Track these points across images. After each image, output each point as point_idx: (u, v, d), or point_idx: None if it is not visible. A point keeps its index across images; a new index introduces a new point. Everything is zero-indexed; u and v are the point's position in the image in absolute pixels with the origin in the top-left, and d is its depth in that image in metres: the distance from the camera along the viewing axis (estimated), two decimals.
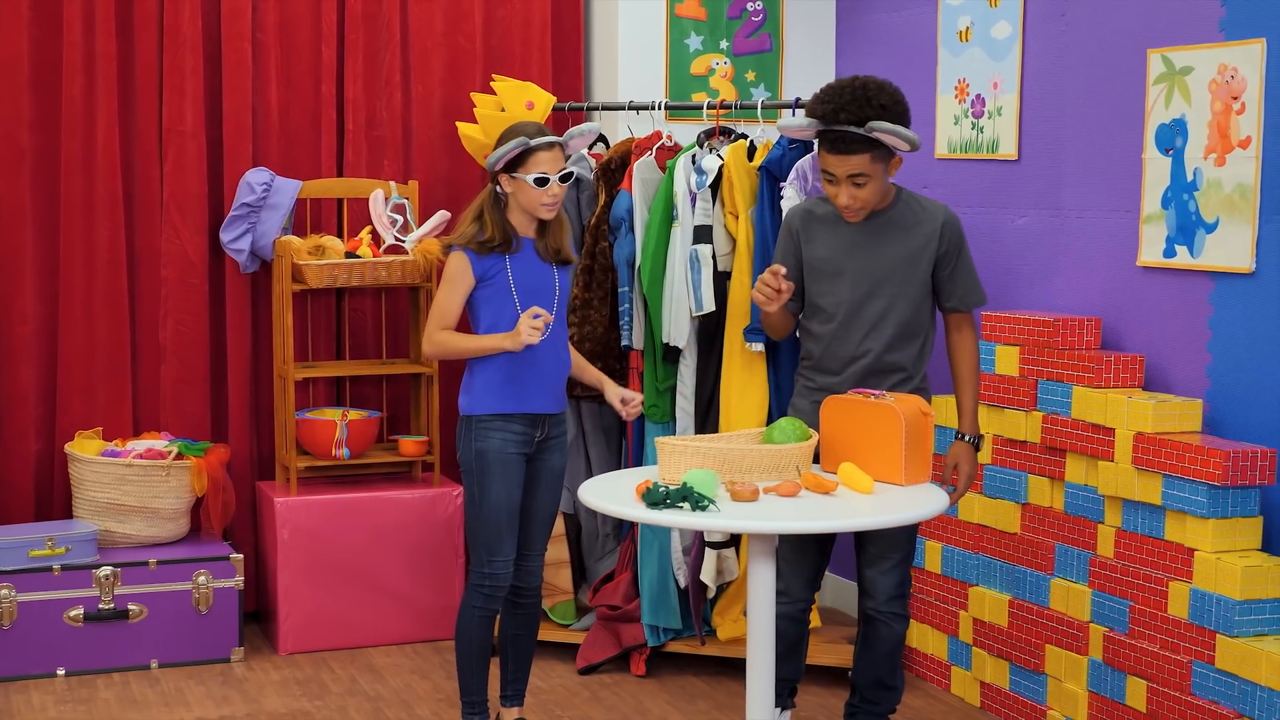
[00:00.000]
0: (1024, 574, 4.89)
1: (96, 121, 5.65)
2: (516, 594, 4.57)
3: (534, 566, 4.56)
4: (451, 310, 4.36)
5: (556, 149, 4.33)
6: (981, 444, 4.40)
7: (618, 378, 5.47)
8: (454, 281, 4.35)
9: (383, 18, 5.99)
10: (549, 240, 4.42)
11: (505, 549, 4.41)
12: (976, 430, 4.36)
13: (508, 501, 4.38)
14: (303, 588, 5.61)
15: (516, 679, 4.68)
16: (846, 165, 4.09)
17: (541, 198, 4.31)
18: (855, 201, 4.14)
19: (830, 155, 4.12)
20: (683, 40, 6.04)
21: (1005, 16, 5.28)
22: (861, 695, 4.47)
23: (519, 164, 4.30)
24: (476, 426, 4.38)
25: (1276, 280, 4.30)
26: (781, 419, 4.16)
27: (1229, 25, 4.43)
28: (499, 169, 4.33)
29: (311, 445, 5.71)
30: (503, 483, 4.37)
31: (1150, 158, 4.70)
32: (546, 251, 4.41)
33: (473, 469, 4.39)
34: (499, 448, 4.36)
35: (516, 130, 4.33)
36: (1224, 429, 4.47)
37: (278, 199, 5.74)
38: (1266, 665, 4.03)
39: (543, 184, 4.30)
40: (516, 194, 4.34)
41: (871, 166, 4.10)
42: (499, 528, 4.39)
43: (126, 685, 5.30)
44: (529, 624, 4.63)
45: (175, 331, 5.79)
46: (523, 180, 4.30)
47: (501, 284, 4.35)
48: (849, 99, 4.07)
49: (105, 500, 5.48)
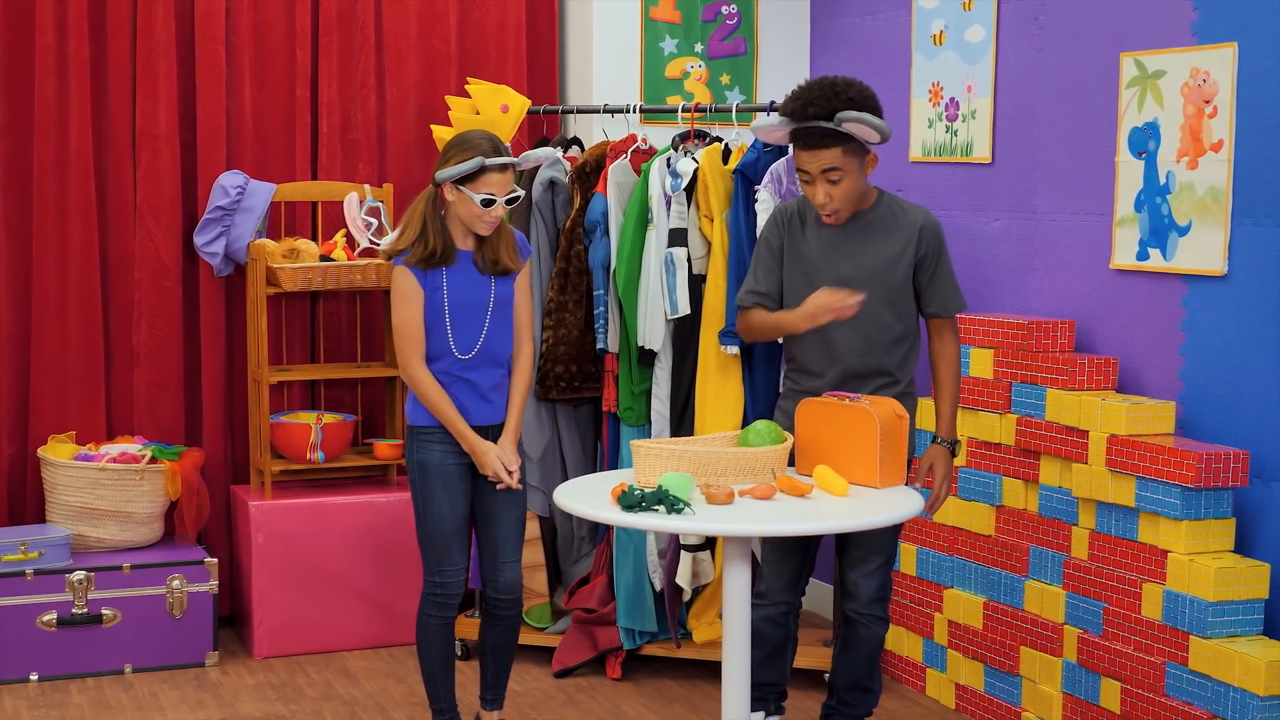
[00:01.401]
0: (999, 576, 4.90)
1: (69, 124, 5.63)
2: (493, 605, 4.53)
3: (509, 576, 4.49)
4: (416, 329, 4.29)
5: (509, 171, 4.27)
6: (959, 450, 4.41)
7: (593, 381, 5.47)
8: (407, 298, 4.29)
9: (357, 20, 5.98)
10: (487, 251, 4.34)
11: (454, 558, 4.40)
12: (954, 435, 4.36)
13: (450, 512, 4.37)
14: (277, 591, 5.60)
15: (496, 684, 4.65)
16: (819, 160, 4.11)
17: (484, 216, 4.25)
18: (832, 199, 4.15)
19: (803, 152, 4.13)
20: (658, 43, 6.04)
21: (979, 20, 5.29)
22: (839, 697, 4.48)
23: (467, 180, 4.23)
24: (418, 437, 4.37)
25: (1249, 283, 4.32)
26: (757, 421, 4.16)
27: (1201, 29, 4.45)
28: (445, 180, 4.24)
29: (286, 449, 5.70)
30: (444, 494, 4.36)
31: (1123, 161, 4.72)
32: (484, 263, 4.34)
33: (415, 480, 4.39)
34: (439, 459, 4.35)
35: (471, 145, 4.24)
36: (1197, 431, 4.49)
37: (252, 202, 5.72)
38: (1239, 666, 4.05)
39: (489, 204, 4.23)
40: (458, 206, 4.26)
41: (844, 160, 4.11)
42: (445, 538, 4.38)
43: (100, 690, 5.28)
44: (508, 634, 4.58)
45: (149, 335, 5.77)
46: (468, 196, 4.23)
47: (437, 302, 4.29)
48: (817, 94, 4.10)
49: (78, 504, 5.46)
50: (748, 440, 4.09)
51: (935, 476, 4.34)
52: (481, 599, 5.05)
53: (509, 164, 4.27)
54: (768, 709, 4.49)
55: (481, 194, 4.23)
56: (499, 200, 4.24)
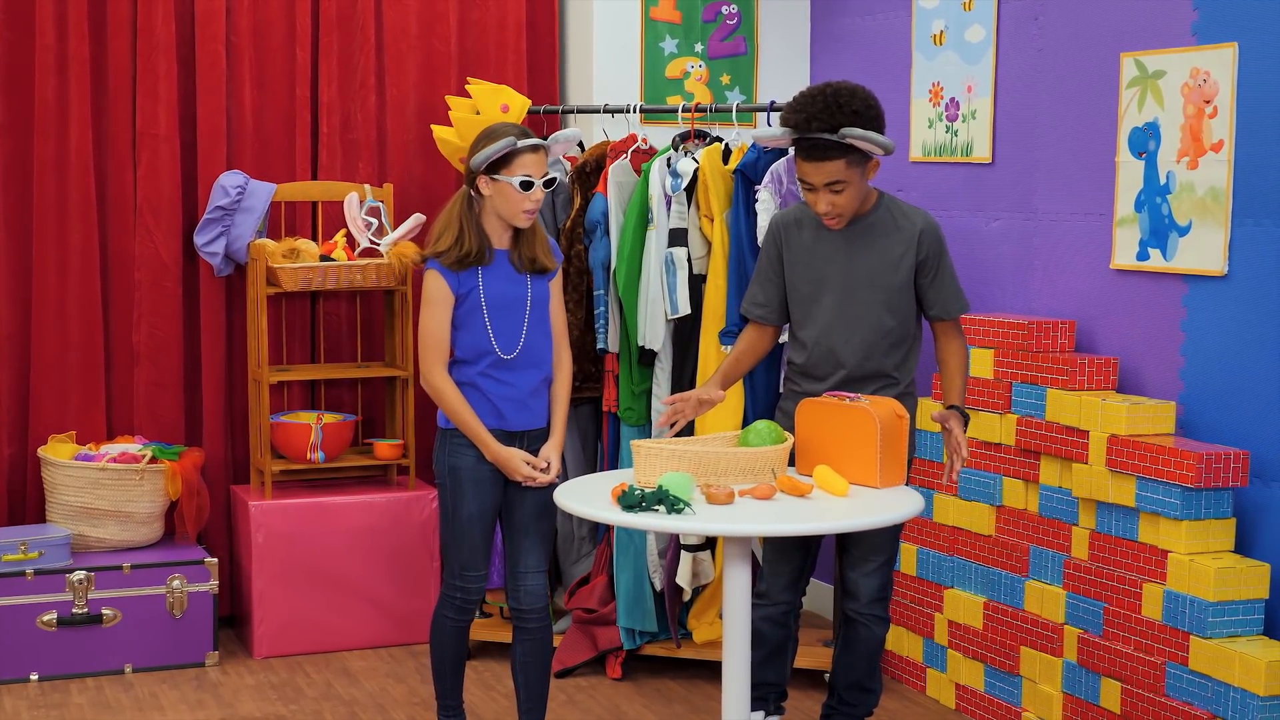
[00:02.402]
0: (999, 576, 4.90)
1: (69, 124, 5.63)
2: (519, 617, 4.40)
3: (531, 586, 4.37)
4: (442, 334, 4.23)
5: (541, 152, 4.21)
6: (969, 421, 4.31)
7: (593, 381, 5.47)
8: (436, 303, 4.23)
9: (357, 20, 5.98)
10: (523, 249, 4.28)
11: (477, 564, 4.34)
12: (963, 404, 4.24)
13: (480, 517, 4.32)
14: (277, 591, 5.60)
15: (532, 709, 4.43)
16: (822, 172, 4.09)
17: (524, 203, 4.17)
18: (834, 209, 4.14)
19: (806, 164, 4.11)
20: (658, 43, 6.04)
21: (979, 20, 5.29)
22: (839, 697, 4.47)
23: (501, 166, 4.16)
24: (451, 441, 4.31)
25: (1249, 283, 4.32)
26: (757, 421, 4.16)
27: (1201, 29, 4.45)
28: (482, 170, 4.18)
29: (286, 449, 5.70)
30: (475, 500, 4.30)
31: (1123, 161, 4.72)
32: (521, 262, 4.28)
33: (446, 484, 4.33)
34: (472, 464, 4.29)
35: (500, 131, 4.18)
36: (1197, 431, 4.49)
37: (252, 202, 5.72)
38: (1240, 666, 4.05)
39: (528, 187, 4.16)
40: (495, 198, 4.20)
41: (847, 172, 4.09)
42: (472, 543, 4.32)
43: (100, 690, 5.28)
44: (539, 650, 4.40)
45: (149, 335, 5.77)
46: (505, 183, 4.16)
47: (474, 301, 4.24)
48: (820, 107, 4.05)
49: (79, 504, 5.46)
50: (748, 440, 4.09)
51: (953, 436, 4.15)
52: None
53: (539, 145, 4.21)
54: (768, 709, 4.49)
55: (518, 176, 4.16)
56: (537, 182, 4.18)
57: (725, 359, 4.49)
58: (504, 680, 5.35)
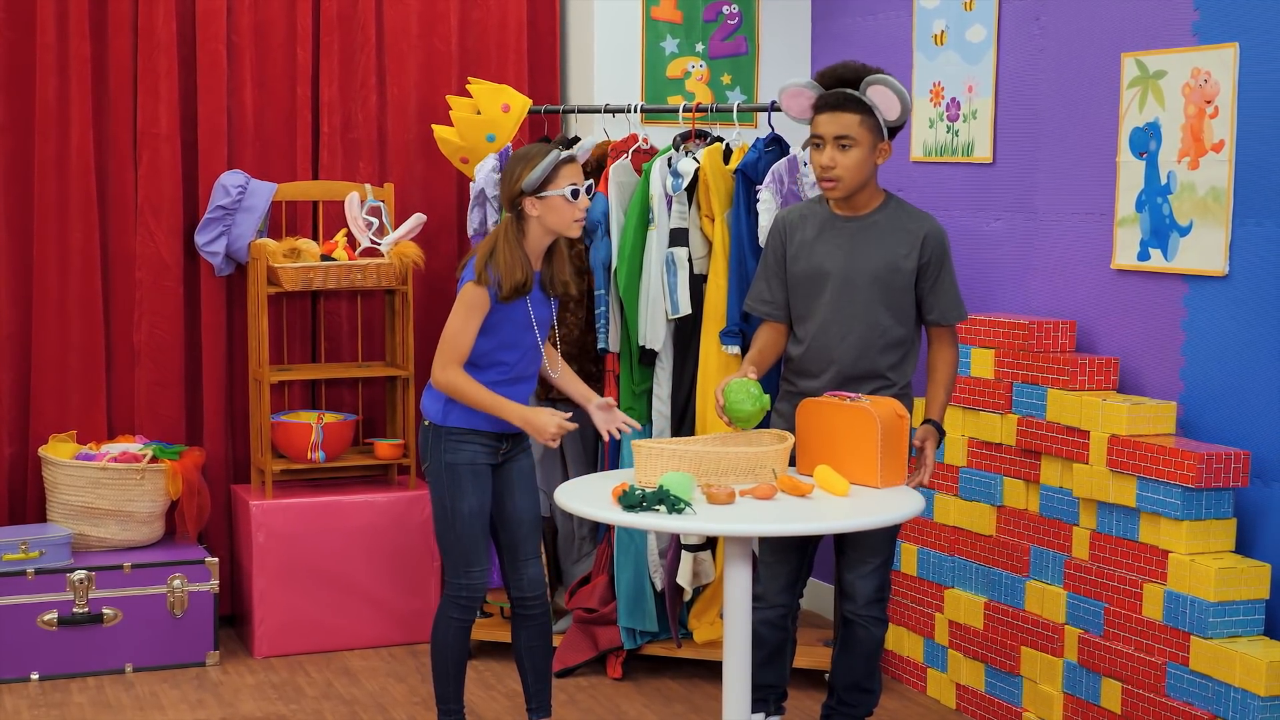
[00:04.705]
0: (999, 576, 4.90)
1: (70, 124, 5.63)
2: (520, 605, 4.47)
3: (532, 574, 4.45)
4: (468, 340, 4.22)
5: (575, 162, 4.26)
6: (943, 439, 4.39)
7: (593, 381, 5.47)
8: (473, 311, 4.20)
9: (358, 20, 5.98)
10: (556, 272, 4.32)
11: (480, 560, 4.36)
12: (941, 420, 4.31)
13: (481, 512, 4.34)
14: (278, 591, 5.60)
15: (539, 691, 4.52)
16: (836, 122, 4.14)
17: (574, 212, 4.20)
18: (837, 165, 4.15)
19: (822, 115, 4.19)
20: (658, 43, 6.04)
21: (980, 20, 5.29)
22: (839, 697, 4.48)
23: (547, 183, 4.18)
24: (446, 438, 4.31)
25: (1250, 283, 4.32)
26: (733, 380, 4.15)
27: (1202, 29, 4.45)
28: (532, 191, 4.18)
29: (287, 448, 5.70)
30: (475, 493, 4.31)
31: (1124, 161, 4.72)
32: (553, 284, 4.32)
33: (443, 480, 4.32)
34: (470, 459, 4.31)
35: (536, 151, 4.22)
36: (1198, 431, 4.49)
37: (253, 201, 5.72)
38: (1240, 667, 4.05)
39: (576, 195, 4.20)
40: (546, 215, 4.20)
41: (859, 131, 4.15)
42: (474, 539, 4.33)
43: (101, 689, 5.28)
44: (541, 634, 4.49)
45: (149, 334, 5.77)
46: (555, 197, 4.18)
47: (506, 317, 4.23)
48: (847, 69, 4.21)
49: (79, 504, 5.46)
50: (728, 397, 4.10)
51: (925, 453, 4.25)
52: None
53: (574, 155, 4.27)
54: (768, 710, 4.50)
55: (565, 187, 4.19)
56: (582, 189, 4.23)
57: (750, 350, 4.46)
58: (504, 680, 5.35)
